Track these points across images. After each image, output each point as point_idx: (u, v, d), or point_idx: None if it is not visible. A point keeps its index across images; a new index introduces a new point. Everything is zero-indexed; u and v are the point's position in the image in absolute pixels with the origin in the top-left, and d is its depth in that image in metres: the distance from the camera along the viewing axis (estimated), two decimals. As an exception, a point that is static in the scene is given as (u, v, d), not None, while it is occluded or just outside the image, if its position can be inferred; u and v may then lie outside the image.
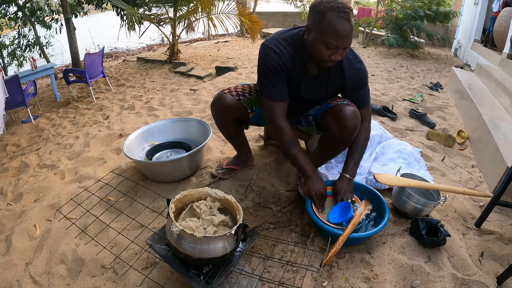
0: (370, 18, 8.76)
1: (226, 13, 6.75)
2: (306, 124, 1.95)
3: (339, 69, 1.66)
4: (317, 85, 1.71)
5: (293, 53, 1.60)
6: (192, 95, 4.50)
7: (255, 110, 1.94)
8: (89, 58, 5.13)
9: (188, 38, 11.23)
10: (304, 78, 1.68)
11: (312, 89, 1.72)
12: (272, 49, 1.58)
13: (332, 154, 1.86)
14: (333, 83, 1.71)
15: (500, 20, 5.16)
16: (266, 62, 1.58)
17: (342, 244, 1.46)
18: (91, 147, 3.02)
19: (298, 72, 1.65)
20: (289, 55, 1.59)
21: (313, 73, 1.66)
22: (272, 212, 1.88)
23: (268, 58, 1.58)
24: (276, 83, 1.60)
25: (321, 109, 1.80)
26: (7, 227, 2.02)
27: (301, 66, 1.63)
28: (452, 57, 7.36)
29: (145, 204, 1.79)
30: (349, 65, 1.65)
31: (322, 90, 1.73)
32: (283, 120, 1.64)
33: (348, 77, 1.67)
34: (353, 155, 1.72)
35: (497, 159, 2.12)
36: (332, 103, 1.73)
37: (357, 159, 1.73)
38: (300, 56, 1.61)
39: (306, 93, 1.74)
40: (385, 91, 4.29)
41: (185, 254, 1.20)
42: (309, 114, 1.89)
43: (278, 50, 1.58)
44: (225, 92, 1.91)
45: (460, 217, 1.85)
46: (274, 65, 1.57)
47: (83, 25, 11.62)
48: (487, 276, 1.45)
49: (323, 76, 1.68)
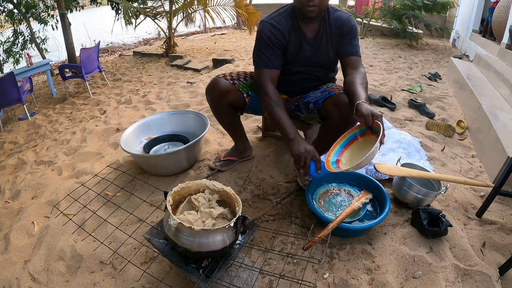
0: (368, 8, 8.69)
1: (222, 5, 6.68)
2: (306, 112, 1.92)
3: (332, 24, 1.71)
4: (318, 45, 1.75)
5: (290, 23, 1.69)
6: (189, 88, 4.47)
7: (251, 95, 1.93)
8: (85, 53, 5.07)
9: (184, 31, 11.15)
10: (305, 43, 1.73)
11: (314, 49, 1.76)
12: (269, 23, 1.68)
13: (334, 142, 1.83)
14: (332, 39, 1.74)
15: (498, 10, 5.12)
16: (262, 35, 1.68)
17: (331, 230, 1.43)
18: (88, 142, 2.99)
19: (297, 39, 1.72)
20: (286, 25, 1.68)
21: (311, 35, 1.73)
22: (271, 203, 1.87)
23: (265, 31, 1.67)
24: (267, 53, 1.68)
25: (323, 97, 1.78)
26: (5, 225, 2.00)
27: (299, 32, 1.71)
28: (451, 47, 7.32)
29: (143, 198, 1.77)
30: (339, 15, 1.72)
31: (323, 49, 1.76)
32: (270, 86, 1.69)
33: (342, 24, 1.71)
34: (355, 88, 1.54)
35: (497, 149, 2.11)
36: (334, 91, 1.74)
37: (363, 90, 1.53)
38: (297, 24, 1.69)
39: (311, 55, 1.77)
40: (383, 81, 4.26)
41: (184, 247, 1.18)
42: (310, 101, 1.86)
43: (275, 22, 1.68)
44: (220, 76, 1.91)
45: (461, 207, 1.84)
46: (269, 36, 1.67)
47: (79, 20, 11.52)
48: (489, 266, 1.44)
49: (321, 35, 1.73)
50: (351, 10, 9.14)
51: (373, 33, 8.51)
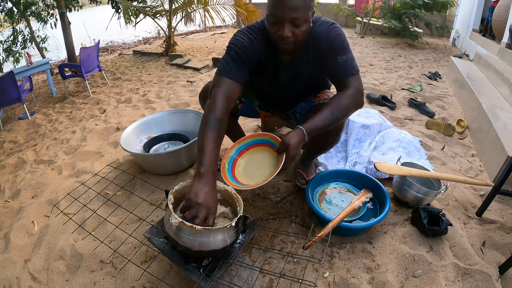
0: (368, 6, 8.67)
1: (222, 4, 6.67)
2: (295, 121, 1.90)
3: (310, 44, 1.47)
4: (296, 71, 1.58)
5: (265, 44, 1.48)
6: (189, 87, 4.46)
7: (244, 101, 1.90)
8: (85, 52, 5.06)
9: (184, 30, 11.13)
10: (281, 65, 1.56)
11: (292, 75, 1.59)
12: (244, 33, 1.49)
13: (318, 152, 1.85)
14: (312, 61, 1.52)
15: (498, 9, 5.11)
16: (231, 44, 1.48)
17: (331, 229, 1.43)
18: (88, 142, 2.99)
19: (271, 59, 1.53)
20: (261, 42, 1.48)
21: (288, 58, 1.53)
22: (271, 202, 1.87)
23: (234, 41, 1.48)
24: (230, 62, 1.46)
25: (305, 107, 1.76)
26: (5, 224, 2.00)
27: (275, 56, 1.52)
28: (450, 46, 7.31)
29: (143, 197, 1.77)
30: (316, 31, 1.45)
31: (304, 75, 1.59)
32: (220, 98, 1.40)
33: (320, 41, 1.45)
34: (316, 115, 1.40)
35: (497, 148, 2.11)
36: (314, 101, 1.69)
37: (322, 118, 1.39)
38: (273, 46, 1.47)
39: (289, 81, 1.62)
40: (383, 80, 4.26)
41: (185, 246, 1.18)
42: (296, 111, 1.84)
43: (250, 35, 1.48)
44: None
45: (461, 206, 1.84)
46: (239, 46, 1.46)
47: (78, 19, 11.49)
48: (489, 265, 1.44)
49: (299, 60, 1.53)
50: (351, 9, 9.12)
51: (373, 32, 8.50)
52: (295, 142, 1.33)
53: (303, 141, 1.35)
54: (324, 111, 1.39)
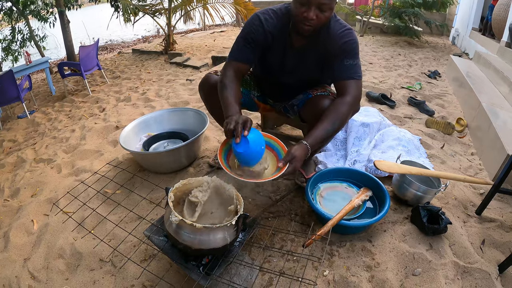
0: (367, 6, 8.67)
1: (222, 2, 6.67)
2: (293, 114, 1.90)
3: (321, 39, 1.54)
4: (302, 57, 1.64)
5: (280, 26, 1.58)
6: (188, 85, 4.46)
7: (243, 91, 1.90)
8: (84, 51, 5.06)
9: (183, 29, 11.12)
10: (289, 51, 1.63)
11: (297, 60, 1.65)
12: (258, 18, 1.58)
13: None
14: (319, 55, 1.60)
15: (498, 8, 5.11)
16: (246, 29, 1.59)
17: (331, 227, 1.43)
18: (87, 140, 2.99)
19: (282, 45, 1.62)
20: (274, 25, 1.57)
21: (298, 45, 1.61)
22: (271, 201, 1.87)
23: (250, 25, 1.58)
24: (242, 46, 1.59)
25: (303, 99, 1.76)
26: (5, 223, 2.00)
27: (286, 39, 1.60)
28: (450, 45, 7.31)
29: (143, 196, 1.77)
30: (333, 29, 1.53)
31: (307, 64, 1.65)
32: (230, 71, 1.58)
33: (331, 41, 1.53)
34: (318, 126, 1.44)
35: (497, 146, 2.11)
36: (312, 93, 1.71)
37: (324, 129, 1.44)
38: (287, 29, 1.58)
39: (293, 67, 1.68)
40: (383, 79, 4.26)
41: (184, 244, 1.18)
42: (293, 104, 1.85)
43: (264, 18, 1.57)
44: (211, 73, 1.88)
45: (461, 205, 1.84)
46: (253, 31, 1.57)
47: (78, 18, 11.46)
48: (488, 264, 1.44)
49: (308, 48, 1.60)
50: (350, 7, 9.11)
51: (372, 30, 8.50)
52: (301, 155, 1.38)
53: (306, 155, 1.41)
54: (324, 122, 1.45)
